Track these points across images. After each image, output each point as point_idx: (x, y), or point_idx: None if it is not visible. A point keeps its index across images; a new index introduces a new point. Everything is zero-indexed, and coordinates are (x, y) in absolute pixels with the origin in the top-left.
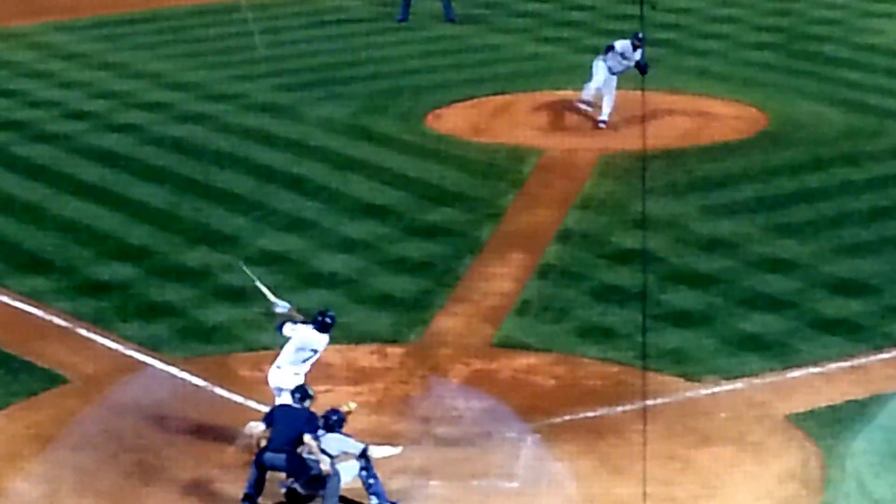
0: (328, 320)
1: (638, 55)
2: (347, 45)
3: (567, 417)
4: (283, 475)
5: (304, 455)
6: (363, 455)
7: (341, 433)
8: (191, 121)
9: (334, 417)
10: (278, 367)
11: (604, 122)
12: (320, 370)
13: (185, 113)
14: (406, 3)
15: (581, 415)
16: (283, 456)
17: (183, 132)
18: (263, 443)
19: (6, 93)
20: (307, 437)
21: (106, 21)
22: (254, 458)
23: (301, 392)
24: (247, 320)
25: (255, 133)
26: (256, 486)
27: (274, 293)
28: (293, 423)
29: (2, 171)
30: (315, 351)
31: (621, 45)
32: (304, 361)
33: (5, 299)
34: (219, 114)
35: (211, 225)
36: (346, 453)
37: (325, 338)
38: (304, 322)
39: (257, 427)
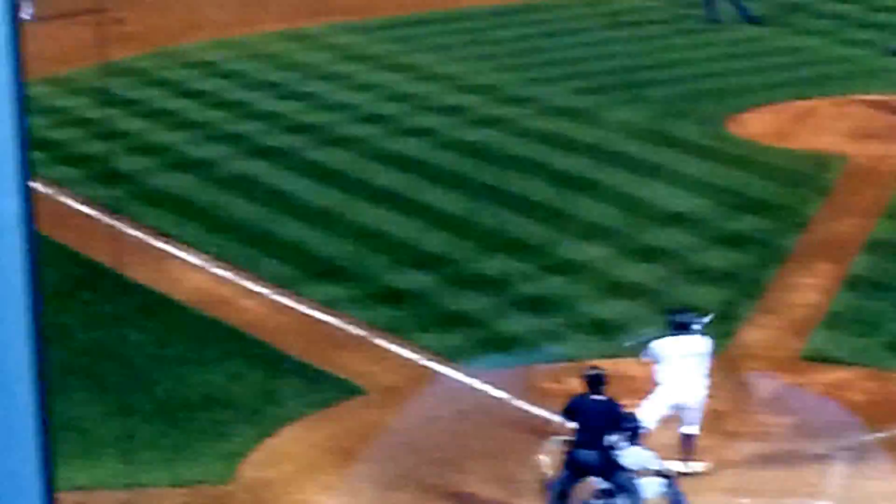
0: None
1: None
2: (646, 46)
3: (880, 434)
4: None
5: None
6: (663, 472)
7: (640, 445)
8: (487, 125)
9: (635, 426)
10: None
11: None
12: (623, 384)
13: (481, 116)
14: (711, 2)
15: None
16: (594, 453)
17: (479, 136)
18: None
19: (298, 95)
20: (615, 436)
21: (399, 21)
22: (565, 457)
23: (598, 381)
24: (547, 331)
25: (552, 137)
26: (566, 485)
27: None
28: (601, 415)
29: (295, 176)
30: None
31: None
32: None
33: (301, 307)
34: (515, 117)
35: (509, 232)
36: (645, 469)
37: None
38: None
39: (554, 444)
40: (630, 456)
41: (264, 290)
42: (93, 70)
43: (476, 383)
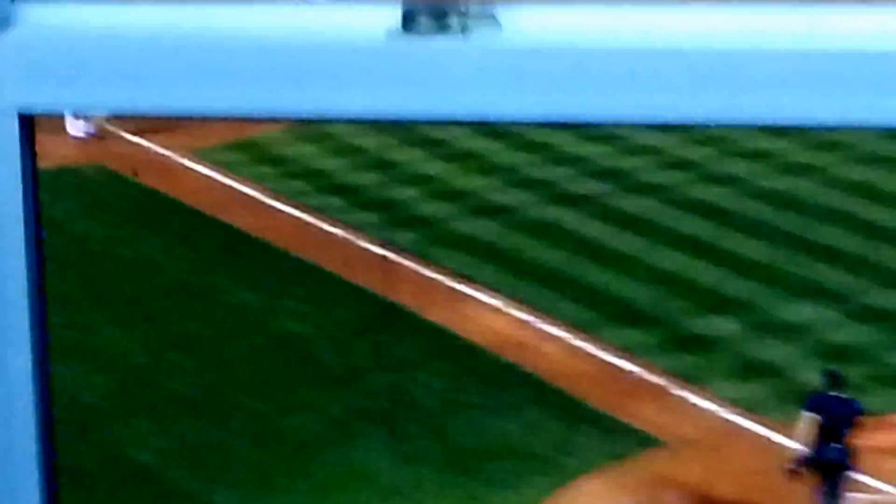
0: None
1: None
2: None
3: None
4: None
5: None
6: None
7: None
8: (793, 173)
9: None
10: None
11: None
12: None
13: (785, 165)
14: None
15: None
16: (839, 448)
17: (783, 185)
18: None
19: (604, 139)
20: None
21: None
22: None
23: (839, 380)
24: (852, 383)
25: (859, 187)
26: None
27: None
28: (844, 412)
29: (596, 222)
30: None
31: None
32: None
33: (599, 353)
34: (823, 165)
35: (814, 280)
36: None
37: None
38: None
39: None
40: None
41: (563, 334)
42: None
43: (774, 436)
